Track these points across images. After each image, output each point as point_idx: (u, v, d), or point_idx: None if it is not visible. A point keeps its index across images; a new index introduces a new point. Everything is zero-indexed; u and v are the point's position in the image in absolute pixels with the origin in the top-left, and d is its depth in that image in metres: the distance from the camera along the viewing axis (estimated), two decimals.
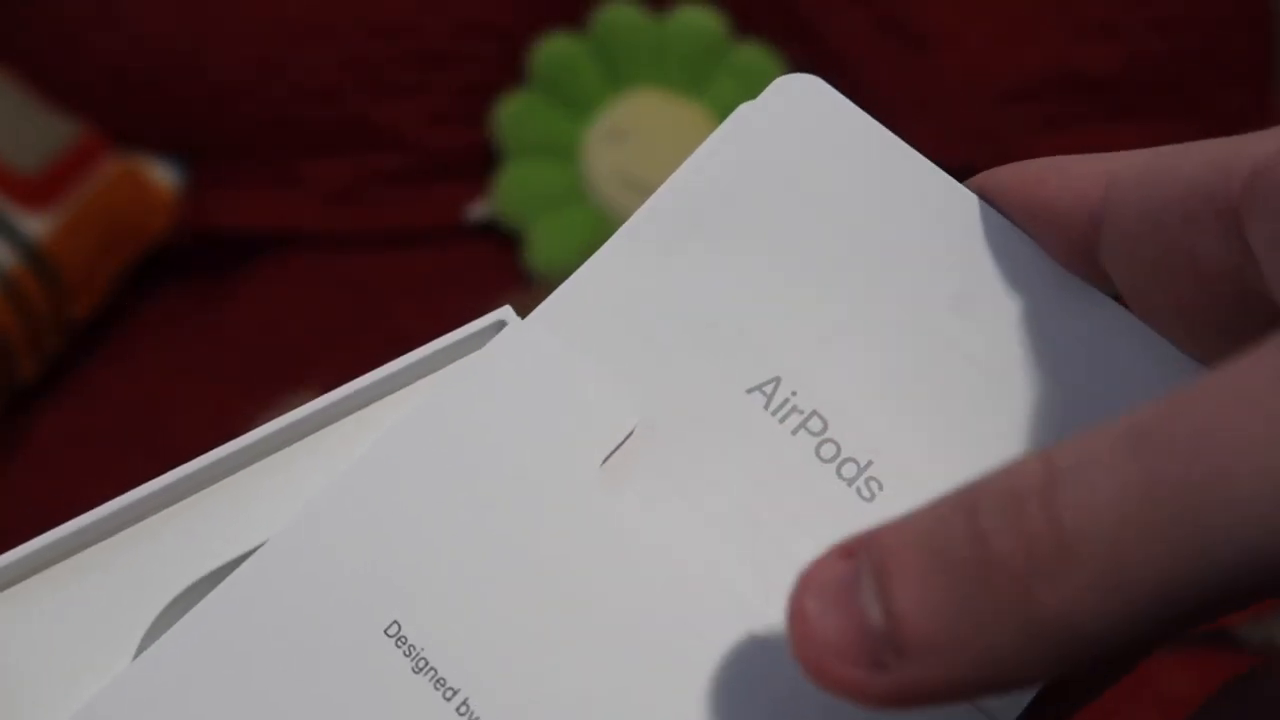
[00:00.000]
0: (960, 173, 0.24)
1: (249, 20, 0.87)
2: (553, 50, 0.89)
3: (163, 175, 0.90)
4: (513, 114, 0.90)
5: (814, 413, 0.23)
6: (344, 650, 0.21)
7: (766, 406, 0.23)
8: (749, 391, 0.23)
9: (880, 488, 0.22)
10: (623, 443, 0.23)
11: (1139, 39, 0.89)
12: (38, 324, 0.80)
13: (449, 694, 0.21)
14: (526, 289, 0.86)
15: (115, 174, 0.87)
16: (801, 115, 0.25)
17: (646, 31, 0.89)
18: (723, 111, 0.91)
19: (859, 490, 0.22)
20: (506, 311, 0.24)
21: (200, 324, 0.88)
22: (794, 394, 0.23)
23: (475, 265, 0.90)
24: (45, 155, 0.83)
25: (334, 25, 0.88)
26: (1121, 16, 0.89)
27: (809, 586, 0.17)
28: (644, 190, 0.92)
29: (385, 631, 0.22)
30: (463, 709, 0.21)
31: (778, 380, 0.23)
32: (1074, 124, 0.89)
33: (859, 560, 0.16)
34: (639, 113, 0.90)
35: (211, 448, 0.22)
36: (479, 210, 0.91)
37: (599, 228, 0.89)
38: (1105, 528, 0.14)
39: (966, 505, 0.16)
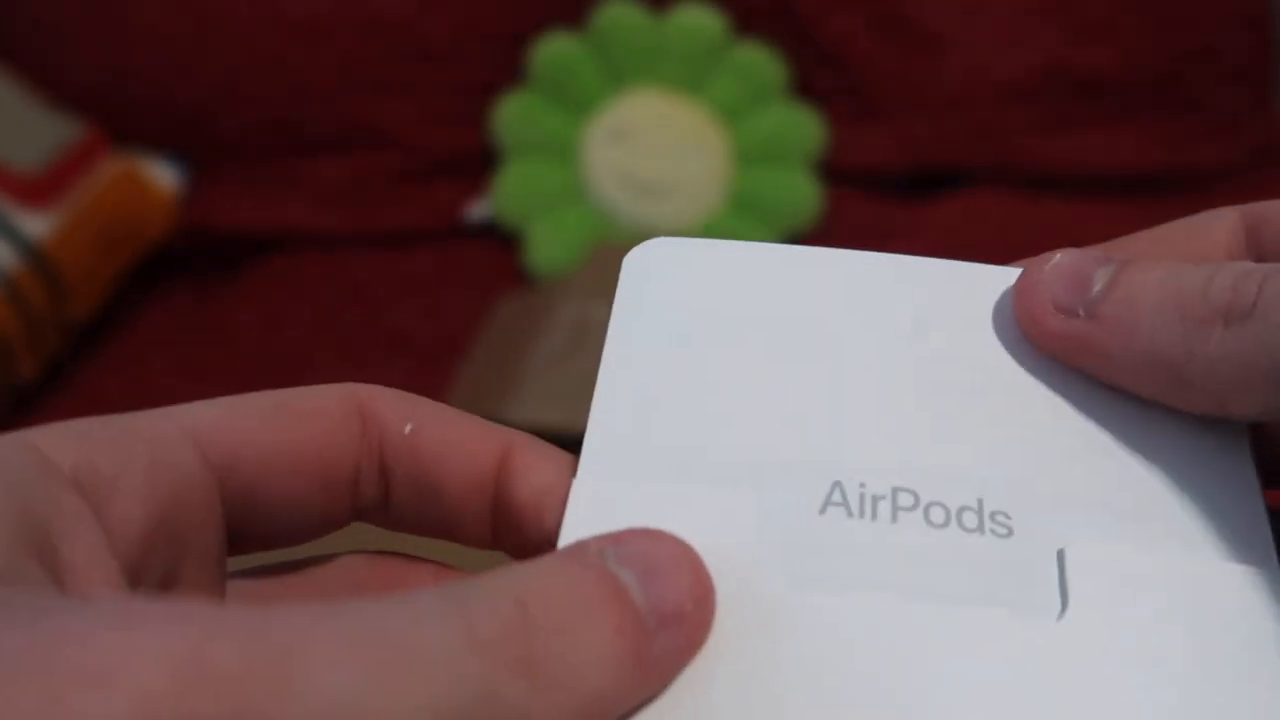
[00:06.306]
0: (963, 171, 0.24)
1: (249, 20, 0.87)
2: (553, 50, 0.89)
3: (163, 175, 0.90)
4: (513, 114, 0.90)
5: (894, 489, 0.21)
6: None
7: (850, 513, 0.20)
8: (823, 511, 0.20)
9: (1009, 517, 0.20)
10: None
11: (1139, 39, 0.89)
12: (38, 324, 0.80)
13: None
14: (526, 289, 0.86)
15: (115, 174, 0.87)
16: (673, 271, 0.23)
17: (646, 31, 0.89)
18: (723, 111, 0.91)
19: (993, 531, 0.20)
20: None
21: (200, 324, 0.88)
22: (862, 485, 0.21)
23: (475, 265, 0.90)
24: (45, 155, 0.83)
25: (334, 25, 0.88)
26: (1121, 16, 0.89)
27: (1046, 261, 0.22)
28: (644, 190, 0.92)
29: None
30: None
31: (838, 484, 0.21)
32: (1074, 124, 0.89)
33: (1105, 264, 0.21)
34: (639, 112, 0.90)
35: None
36: (479, 210, 0.91)
37: (598, 228, 0.89)
38: None
39: (1207, 271, 0.20)
